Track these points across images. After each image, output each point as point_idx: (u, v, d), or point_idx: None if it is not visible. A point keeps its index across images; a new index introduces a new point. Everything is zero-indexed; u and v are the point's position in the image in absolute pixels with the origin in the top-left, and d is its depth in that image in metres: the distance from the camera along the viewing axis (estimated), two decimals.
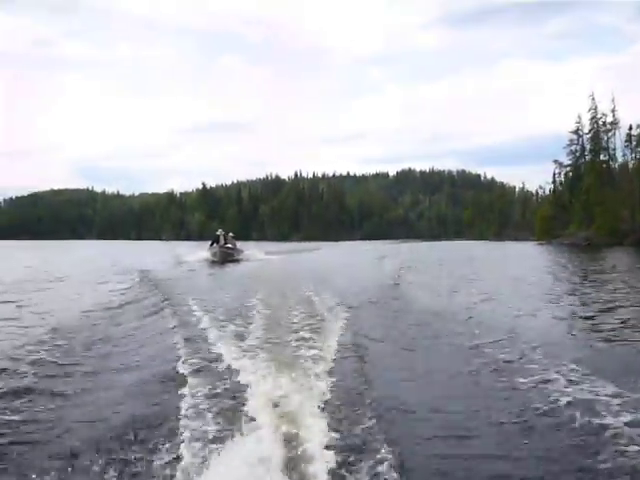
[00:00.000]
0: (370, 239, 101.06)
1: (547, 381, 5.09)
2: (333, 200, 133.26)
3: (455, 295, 12.62)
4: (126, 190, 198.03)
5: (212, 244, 26.02)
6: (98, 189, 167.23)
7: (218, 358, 5.87)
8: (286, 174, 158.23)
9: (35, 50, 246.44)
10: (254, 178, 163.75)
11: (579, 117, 48.87)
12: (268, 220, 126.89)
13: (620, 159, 43.93)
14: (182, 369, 5.52)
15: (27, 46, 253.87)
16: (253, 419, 3.93)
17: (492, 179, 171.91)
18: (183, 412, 4.16)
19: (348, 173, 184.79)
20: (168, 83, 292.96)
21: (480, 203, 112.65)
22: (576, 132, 49.09)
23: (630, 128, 42.53)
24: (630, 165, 42.51)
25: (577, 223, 43.63)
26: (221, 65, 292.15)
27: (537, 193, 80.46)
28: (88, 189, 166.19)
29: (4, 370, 5.67)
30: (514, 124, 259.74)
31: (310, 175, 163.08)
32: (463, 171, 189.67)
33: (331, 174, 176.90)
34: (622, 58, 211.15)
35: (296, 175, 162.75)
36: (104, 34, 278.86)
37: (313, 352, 6.07)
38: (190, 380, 5.02)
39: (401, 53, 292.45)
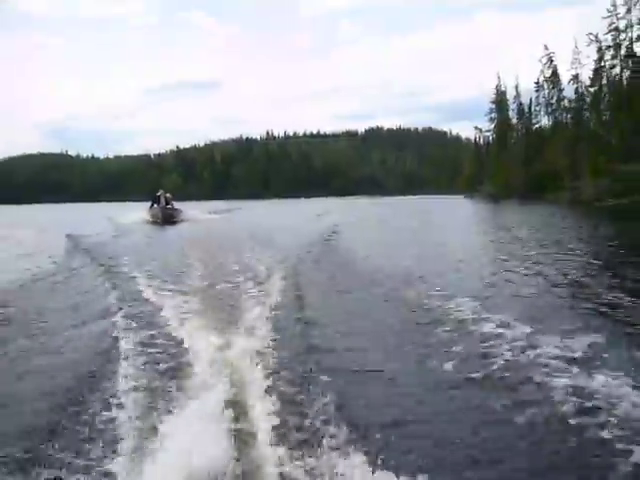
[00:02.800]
0: (337, 196, 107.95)
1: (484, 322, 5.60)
2: (301, 160, 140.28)
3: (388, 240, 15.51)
4: (99, 152, 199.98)
5: (152, 205, 24.91)
6: (71, 152, 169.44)
7: (158, 319, 5.96)
8: (259, 132, 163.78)
9: None
10: (227, 138, 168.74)
11: (496, 89, 56.62)
12: (241, 180, 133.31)
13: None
14: (122, 326, 5.65)
15: None
16: (197, 381, 3.92)
17: (457, 135, 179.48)
18: (126, 375, 4.11)
19: (319, 132, 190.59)
20: (132, 41, 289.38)
21: (437, 159, 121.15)
22: (494, 102, 57.04)
23: (520, 104, 51.13)
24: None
25: (488, 179, 52.67)
26: (186, 21, 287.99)
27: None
28: (62, 153, 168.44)
29: None
30: (488, 77, 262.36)
31: (282, 134, 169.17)
32: (430, 128, 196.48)
33: (302, 133, 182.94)
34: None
35: (267, 134, 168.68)
36: None
37: (253, 309, 6.26)
38: (131, 345, 4.95)
39: (374, 5, 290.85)
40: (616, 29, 31.20)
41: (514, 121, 52.91)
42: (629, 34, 30.92)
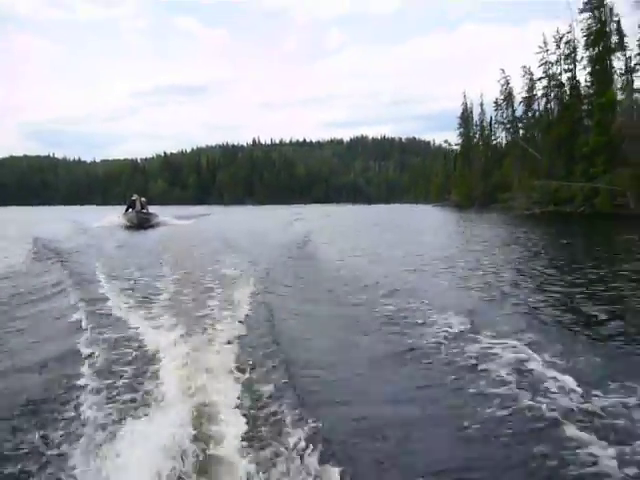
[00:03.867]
0: (318, 203, 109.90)
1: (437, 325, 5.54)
2: (285, 167, 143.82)
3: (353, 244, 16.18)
4: (85, 155, 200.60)
5: (127, 209, 24.95)
6: (57, 154, 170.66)
7: (124, 326, 5.67)
8: (246, 139, 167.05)
9: None
10: (213, 144, 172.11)
11: (462, 105, 60.68)
12: (225, 186, 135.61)
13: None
14: (84, 325, 5.49)
15: None
16: (163, 391, 3.79)
17: (440, 146, 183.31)
18: (88, 384, 3.96)
19: (305, 139, 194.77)
20: (122, 45, 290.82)
21: (417, 169, 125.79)
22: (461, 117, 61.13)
23: (482, 121, 55.62)
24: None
25: (454, 190, 56.95)
26: (176, 27, 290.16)
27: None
28: (49, 155, 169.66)
29: None
30: (473, 87, 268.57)
31: (269, 141, 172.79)
32: (414, 138, 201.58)
33: (288, 140, 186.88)
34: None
35: (254, 142, 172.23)
36: None
37: (220, 315, 6.02)
38: (93, 350, 4.79)
39: (363, 14, 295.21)
40: (546, 63, 35.75)
41: (478, 136, 57.10)
42: (557, 69, 36.02)
